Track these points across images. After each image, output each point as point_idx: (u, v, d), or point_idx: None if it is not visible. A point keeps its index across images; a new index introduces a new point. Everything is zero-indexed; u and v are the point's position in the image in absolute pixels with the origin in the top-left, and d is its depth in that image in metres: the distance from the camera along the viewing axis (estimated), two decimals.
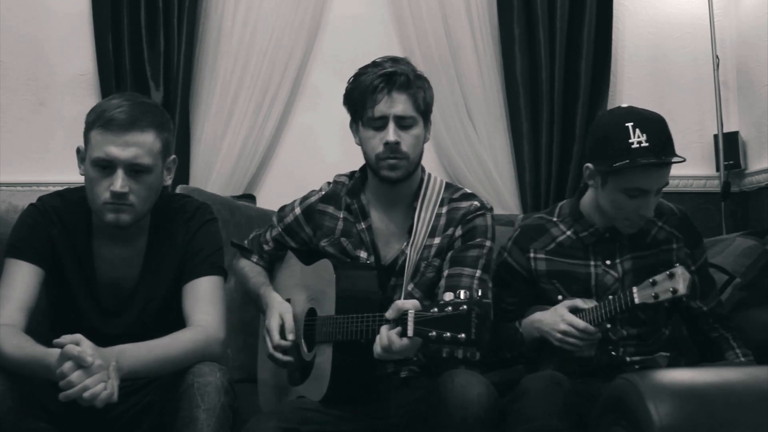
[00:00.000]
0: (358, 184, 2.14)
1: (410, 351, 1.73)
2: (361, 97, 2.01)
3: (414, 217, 2.06)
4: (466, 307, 1.61)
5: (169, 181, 1.94)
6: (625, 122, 1.97)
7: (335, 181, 2.20)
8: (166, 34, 3.07)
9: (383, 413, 1.99)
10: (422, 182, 2.10)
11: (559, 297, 2.12)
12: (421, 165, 2.10)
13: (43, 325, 1.90)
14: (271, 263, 2.29)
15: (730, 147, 3.23)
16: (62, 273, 1.90)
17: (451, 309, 1.63)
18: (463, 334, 1.59)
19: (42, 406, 1.74)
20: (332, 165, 2.38)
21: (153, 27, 3.07)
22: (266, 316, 2.11)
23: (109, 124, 1.78)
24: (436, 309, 1.64)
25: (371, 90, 1.98)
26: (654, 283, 1.90)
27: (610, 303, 1.96)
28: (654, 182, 1.98)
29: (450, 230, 2.06)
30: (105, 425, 1.81)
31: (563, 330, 1.98)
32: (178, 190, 2.57)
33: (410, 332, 1.66)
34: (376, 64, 2.04)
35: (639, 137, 1.95)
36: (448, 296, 1.66)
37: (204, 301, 1.87)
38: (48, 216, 1.91)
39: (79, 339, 1.59)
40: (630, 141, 1.95)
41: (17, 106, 3.12)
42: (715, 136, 3.25)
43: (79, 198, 1.92)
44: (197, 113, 3.13)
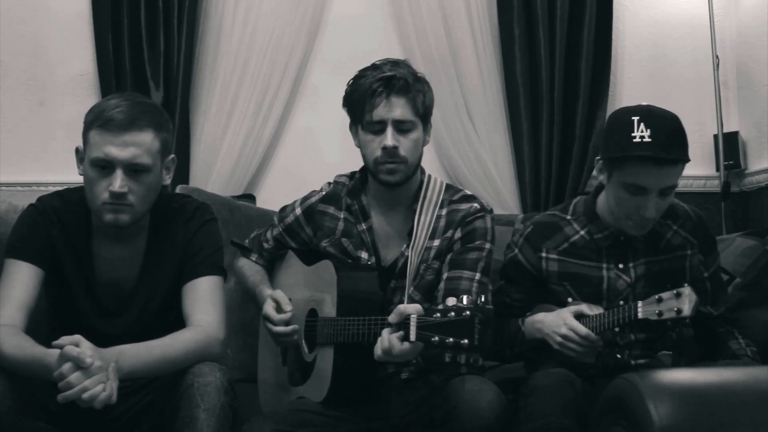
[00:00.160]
0: (358, 184, 2.14)
1: (411, 355, 1.73)
2: (360, 100, 2.00)
3: (414, 220, 2.05)
4: (469, 313, 1.59)
5: (168, 180, 1.94)
6: (632, 116, 1.95)
7: (335, 181, 2.20)
8: (166, 34, 3.07)
9: (384, 414, 1.99)
10: (422, 184, 2.09)
11: (569, 299, 2.09)
12: (421, 166, 2.10)
13: (43, 325, 1.90)
14: (271, 262, 2.29)
15: (730, 147, 3.23)
16: (62, 273, 1.90)
17: (453, 314, 1.61)
18: (466, 340, 1.58)
19: (42, 406, 1.74)
20: (332, 165, 2.38)
21: (153, 27, 3.07)
22: (262, 307, 2.11)
23: (108, 124, 1.78)
24: (439, 314, 1.63)
25: (370, 94, 1.97)
26: (660, 300, 1.86)
27: (614, 314, 1.94)
28: (653, 180, 1.93)
29: (449, 232, 2.05)
30: (105, 425, 1.80)
31: (564, 334, 1.97)
32: (178, 190, 2.57)
33: (412, 337, 1.65)
34: (375, 67, 2.03)
35: (642, 132, 1.92)
36: (451, 301, 1.64)
37: (204, 301, 1.87)
38: (48, 216, 1.90)
39: (78, 340, 1.59)
40: (633, 134, 1.93)
41: (17, 106, 3.11)
42: (715, 136, 3.25)
43: (79, 198, 1.91)
44: (197, 113, 3.12)
